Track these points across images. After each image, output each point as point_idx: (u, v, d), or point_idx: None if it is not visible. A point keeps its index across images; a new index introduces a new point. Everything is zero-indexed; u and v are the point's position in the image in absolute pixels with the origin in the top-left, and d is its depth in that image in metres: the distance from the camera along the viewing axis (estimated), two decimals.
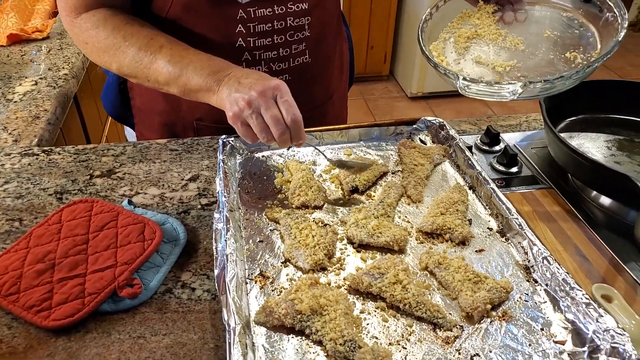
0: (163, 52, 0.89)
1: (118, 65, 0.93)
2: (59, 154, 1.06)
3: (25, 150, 1.07)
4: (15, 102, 1.29)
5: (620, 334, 0.64)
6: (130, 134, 1.32)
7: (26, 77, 1.42)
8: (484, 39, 0.98)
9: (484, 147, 1.08)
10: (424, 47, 0.98)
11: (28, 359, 0.67)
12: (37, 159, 1.05)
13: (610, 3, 0.92)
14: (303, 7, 1.01)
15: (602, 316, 0.66)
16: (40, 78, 1.41)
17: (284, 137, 0.81)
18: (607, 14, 0.92)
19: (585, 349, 0.65)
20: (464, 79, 0.87)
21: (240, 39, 0.99)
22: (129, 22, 0.93)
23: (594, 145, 1.06)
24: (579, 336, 0.67)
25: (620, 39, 0.86)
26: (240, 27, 0.98)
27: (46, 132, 1.19)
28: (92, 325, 0.71)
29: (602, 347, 0.63)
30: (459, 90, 0.88)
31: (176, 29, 0.98)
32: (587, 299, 0.68)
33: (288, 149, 1.00)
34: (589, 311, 0.67)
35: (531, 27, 0.98)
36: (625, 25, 0.87)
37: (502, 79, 0.91)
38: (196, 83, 0.86)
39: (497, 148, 1.08)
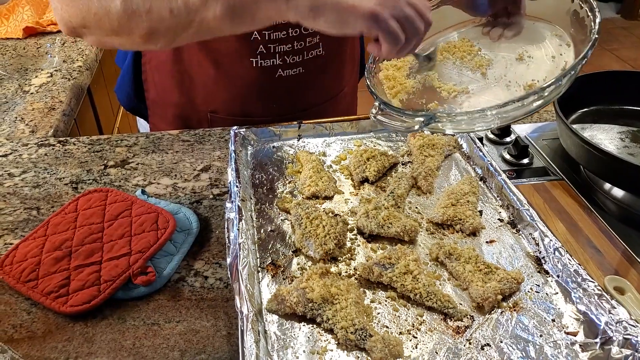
0: None
1: (115, 10, 0.67)
2: (74, 144, 1.08)
3: (42, 141, 1.09)
4: (31, 93, 1.31)
5: (633, 325, 0.64)
6: (142, 126, 1.33)
7: (42, 70, 1.43)
8: (454, 56, 0.87)
9: (495, 139, 1.08)
10: (367, 67, 0.87)
11: (46, 343, 0.68)
12: (53, 149, 1.06)
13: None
14: None
15: (615, 308, 0.66)
16: (56, 70, 1.43)
17: (413, 44, 0.72)
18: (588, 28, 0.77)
19: (597, 340, 0.65)
20: (382, 102, 0.77)
21: (255, 32, 0.99)
22: None
23: (606, 137, 1.05)
24: (591, 327, 0.67)
25: (560, 82, 0.69)
26: None
27: (61, 123, 1.20)
28: (108, 311, 0.72)
29: (614, 338, 0.64)
30: (370, 116, 0.78)
31: None
32: (599, 290, 0.68)
33: (298, 140, 0.97)
34: (602, 303, 0.67)
35: (510, 47, 0.86)
36: (579, 64, 0.71)
37: (437, 105, 0.81)
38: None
39: (507, 139, 1.07)
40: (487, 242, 0.82)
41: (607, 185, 0.96)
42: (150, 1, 0.66)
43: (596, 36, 0.73)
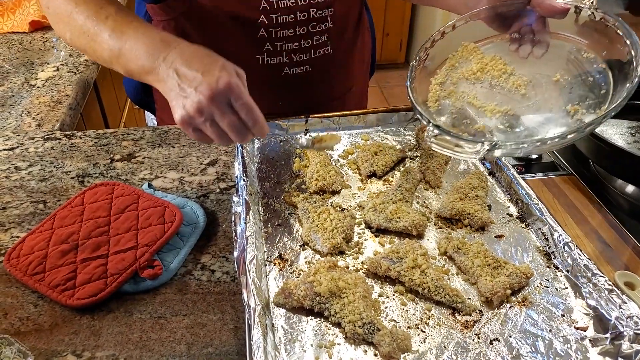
0: (108, 23, 0.78)
1: (70, 35, 0.84)
2: (81, 138, 1.07)
3: (48, 135, 1.09)
4: (38, 87, 1.31)
5: None
6: (150, 119, 1.33)
7: (48, 63, 1.43)
8: (488, 75, 0.85)
9: None
10: (409, 86, 0.87)
11: (53, 336, 0.68)
12: (59, 142, 1.06)
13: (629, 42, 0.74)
14: None
15: (626, 303, 0.65)
16: (62, 64, 1.43)
17: (246, 141, 0.73)
18: (630, 58, 0.73)
19: (607, 335, 0.64)
20: (435, 126, 0.76)
21: (262, 29, 0.99)
22: None
23: (616, 132, 1.04)
24: (601, 322, 0.66)
25: (619, 102, 0.69)
26: (262, 18, 0.97)
27: (68, 117, 1.20)
28: (115, 304, 0.72)
29: (625, 333, 0.63)
30: (426, 141, 0.77)
31: (199, 19, 0.98)
32: (609, 285, 0.68)
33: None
34: (612, 297, 0.66)
35: (544, 66, 0.84)
36: (635, 84, 0.70)
37: (485, 127, 0.80)
38: (135, 65, 0.75)
39: None
40: (495, 236, 0.81)
41: (617, 181, 0.95)
42: (83, 49, 0.84)
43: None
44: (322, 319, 0.68)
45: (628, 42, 0.73)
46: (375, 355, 0.63)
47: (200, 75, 0.68)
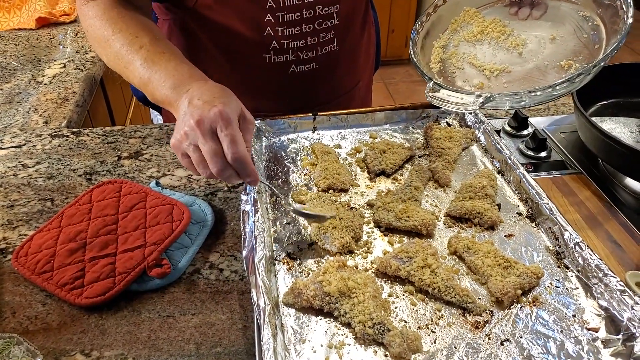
0: (140, 53, 0.83)
1: (107, 59, 0.90)
2: (88, 135, 1.07)
3: (55, 132, 1.09)
4: (45, 84, 1.31)
5: None
6: (156, 116, 1.33)
7: (55, 60, 1.43)
8: (488, 37, 0.94)
9: (512, 132, 1.06)
10: (411, 45, 0.95)
11: (61, 335, 0.68)
12: (66, 140, 1.06)
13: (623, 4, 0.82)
14: None
15: (638, 304, 0.64)
16: (69, 61, 1.43)
17: (225, 175, 0.70)
18: (621, 14, 0.82)
19: (619, 336, 0.64)
20: (435, 83, 0.83)
21: (268, 27, 0.98)
22: (125, 16, 0.88)
23: (626, 130, 1.03)
24: (613, 323, 0.66)
25: (607, 54, 0.76)
26: (269, 16, 0.97)
27: (75, 114, 1.20)
28: (123, 303, 0.72)
29: (637, 334, 0.62)
30: (426, 96, 0.85)
31: (205, 18, 0.97)
32: (621, 286, 0.67)
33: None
34: (624, 298, 0.66)
35: (542, 27, 0.92)
36: (622, 37, 0.78)
37: (484, 84, 0.88)
38: (160, 95, 0.79)
39: (525, 132, 1.06)
40: (505, 236, 0.80)
41: (627, 179, 0.94)
42: (119, 72, 0.89)
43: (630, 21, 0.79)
44: (332, 319, 0.67)
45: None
46: (386, 355, 0.63)
47: (202, 103, 0.70)
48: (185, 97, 0.74)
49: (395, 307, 0.69)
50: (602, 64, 0.76)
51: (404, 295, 0.71)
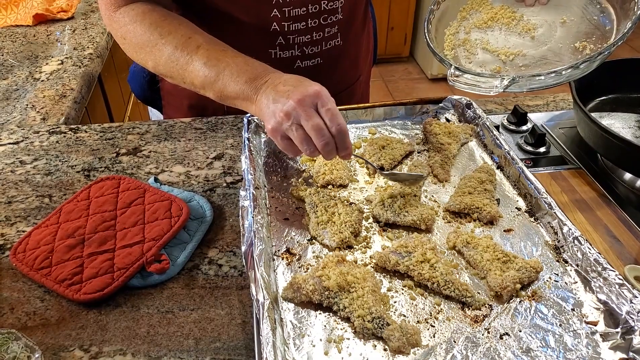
0: (200, 52, 0.83)
1: (154, 63, 0.89)
2: (86, 132, 1.07)
3: (53, 128, 1.08)
4: (42, 81, 1.30)
5: None
6: (155, 114, 1.33)
7: (52, 57, 1.43)
8: (498, 23, 0.95)
9: (511, 127, 1.06)
10: (426, 32, 0.96)
11: (60, 331, 0.68)
12: (64, 136, 1.06)
13: None
14: None
15: (637, 297, 0.64)
16: (66, 57, 1.42)
17: (328, 148, 0.74)
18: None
19: (618, 330, 0.64)
20: (456, 68, 0.85)
21: (275, 23, 0.98)
22: (167, 18, 0.89)
23: (625, 125, 1.03)
24: (611, 317, 0.66)
25: (624, 32, 0.79)
26: (275, 12, 0.97)
27: (72, 111, 1.20)
28: (122, 299, 0.72)
29: (636, 328, 0.62)
30: (449, 81, 0.86)
31: (212, 13, 0.97)
32: (620, 279, 0.67)
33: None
34: (623, 292, 0.66)
35: (550, 11, 0.93)
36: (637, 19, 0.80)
37: (502, 68, 0.88)
38: (233, 90, 0.80)
39: (524, 128, 1.06)
40: (504, 230, 0.80)
41: (625, 174, 0.94)
42: (169, 76, 0.89)
43: None
44: (331, 314, 0.67)
45: None
46: (385, 350, 0.63)
47: (294, 87, 0.74)
48: (267, 86, 0.77)
49: (395, 302, 0.69)
50: (619, 42, 0.79)
51: (403, 289, 0.71)
